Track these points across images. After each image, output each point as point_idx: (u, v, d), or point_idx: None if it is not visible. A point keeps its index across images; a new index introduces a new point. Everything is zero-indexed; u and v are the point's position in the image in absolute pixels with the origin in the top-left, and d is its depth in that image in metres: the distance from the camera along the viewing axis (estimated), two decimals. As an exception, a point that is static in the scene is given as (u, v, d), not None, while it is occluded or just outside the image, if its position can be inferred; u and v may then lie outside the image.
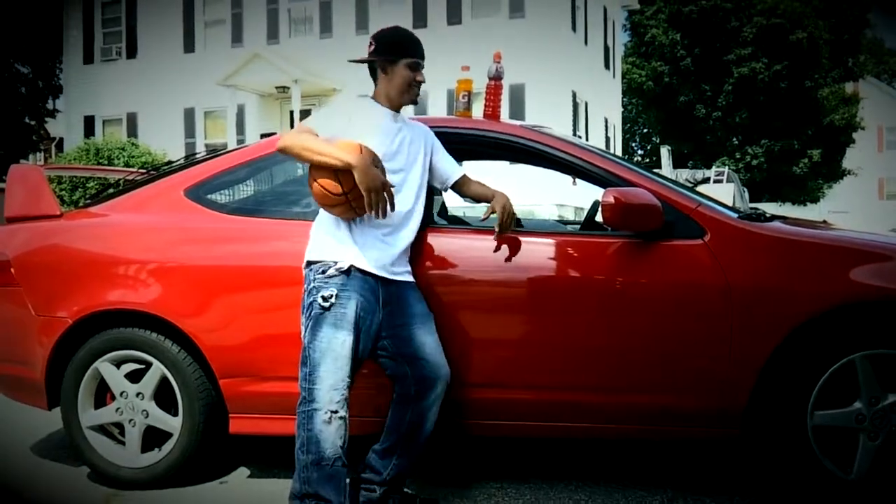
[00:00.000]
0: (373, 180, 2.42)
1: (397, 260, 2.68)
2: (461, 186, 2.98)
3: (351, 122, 2.63)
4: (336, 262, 2.55)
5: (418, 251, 2.86)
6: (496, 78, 3.18)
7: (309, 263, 2.62)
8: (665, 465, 3.36)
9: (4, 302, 3.24)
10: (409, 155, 2.75)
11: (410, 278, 2.74)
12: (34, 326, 3.12)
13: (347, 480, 2.59)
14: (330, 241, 2.60)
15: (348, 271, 2.55)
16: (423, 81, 2.77)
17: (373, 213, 2.46)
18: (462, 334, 2.86)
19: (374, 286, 2.61)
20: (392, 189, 2.50)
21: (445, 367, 2.69)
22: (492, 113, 3.19)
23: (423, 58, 2.76)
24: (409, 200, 2.72)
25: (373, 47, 2.74)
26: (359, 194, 2.44)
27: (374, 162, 2.48)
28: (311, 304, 2.56)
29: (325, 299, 2.52)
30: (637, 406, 2.85)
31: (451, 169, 2.94)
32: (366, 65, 2.78)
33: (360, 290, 2.56)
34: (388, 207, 2.49)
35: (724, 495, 2.97)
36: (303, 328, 2.58)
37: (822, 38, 26.55)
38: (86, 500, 3.00)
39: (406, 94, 2.74)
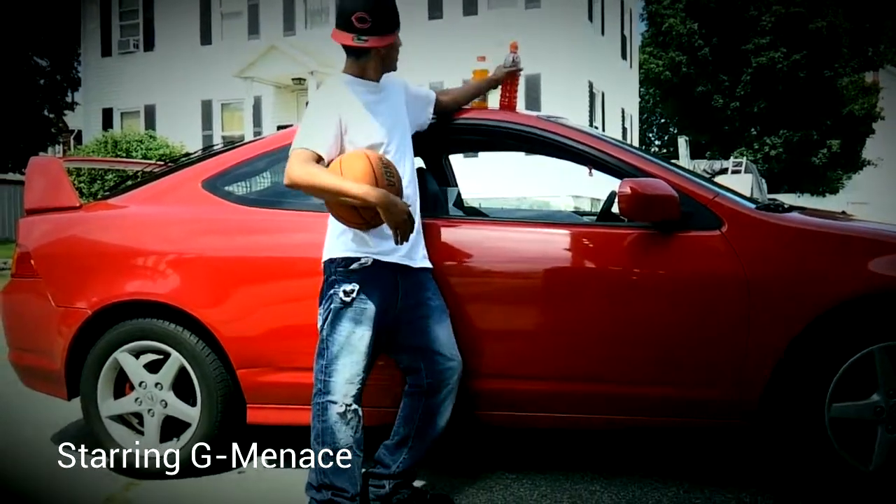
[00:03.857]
0: (397, 215, 2.34)
1: (415, 242, 2.61)
2: (446, 108, 2.97)
3: (340, 120, 2.51)
4: (360, 258, 2.52)
5: (435, 242, 2.86)
6: (515, 67, 3.14)
7: (331, 259, 2.58)
8: (681, 457, 3.36)
9: (24, 293, 3.28)
10: (399, 126, 2.65)
11: (427, 263, 2.71)
12: (54, 317, 3.15)
13: (363, 471, 2.60)
14: (350, 238, 2.54)
15: (371, 266, 2.53)
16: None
17: (399, 241, 2.40)
18: (479, 325, 2.86)
19: (395, 279, 2.59)
20: (409, 206, 2.44)
21: (459, 362, 2.68)
22: (508, 104, 3.17)
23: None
24: (407, 172, 2.63)
25: (367, 24, 2.48)
26: (380, 219, 2.38)
27: (388, 177, 2.39)
28: (331, 296, 2.54)
29: (346, 294, 2.51)
30: (653, 396, 2.84)
31: (424, 103, 2.89)
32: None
33: (380, 285, 2.55)
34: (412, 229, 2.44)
35: (740, 487, 2.96)
36: (321, 320, 2.57)
37: (841, 27, 26.23)
38: (105, 489, 3.03)
39: (394, 62, 2.65)
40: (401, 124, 2.68)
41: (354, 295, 2.51)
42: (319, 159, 2.45)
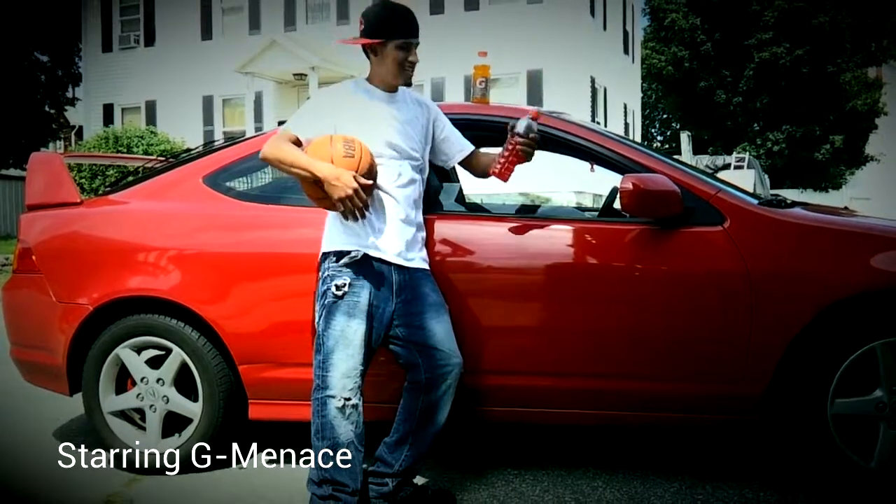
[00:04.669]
0: (339, 190, 2.38)
1: (410, 244, 2.64)
2: (470, 163, 2.91)
3: (336, 117, 2.57)
4: (351, 252, 2.54)
5: (435, 238, 2.86)
6: (525, 135, 2.70)
7: (325, 253, 2.61)
8: (683, 453, 3.35)
9: (26, 289, 3.28)
10: (405, 136, 2.65)
11: (425, 265, 2.71)
12: (55, 313, 3.15)
13: (364, 466, 2.60)
14: (343, 231, 2.57)
15: (362, 260, 2.54)
16: (416, 62, 2.64)
17: (349, 218, 2.44)
18: (480, 321, 2.85)
19: (388, 274, 2.59)
20: (369, 184, 2.44)
21: (458, 358, 2.67)
22: (499, 173, 2.76)
23: (414, 34, 2.60)
24: (409, 183, 2.66)
25: (362, 27, 2.61)
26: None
27: (348, 151, 2.41)
28: (324, 292, 2.55)
29: (338, 288, 2.52)
30: (655, 393, 2.84)
31: (456, 148, 2.87)
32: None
33: (373, 278, 2.56)
34: (366, 207, 2.45)
35: (743, 483, 2.96)
36: (316, 316, 2.58)
37: (844, 23, 26.15)
38: (106, 484, 3.03)
39: (399, 76, 2.63)
40: (405, 135, 2.65)
41: (346, 289, 2.52)
42: (298, 143, 2.55)
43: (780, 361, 2.71)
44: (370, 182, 2.45)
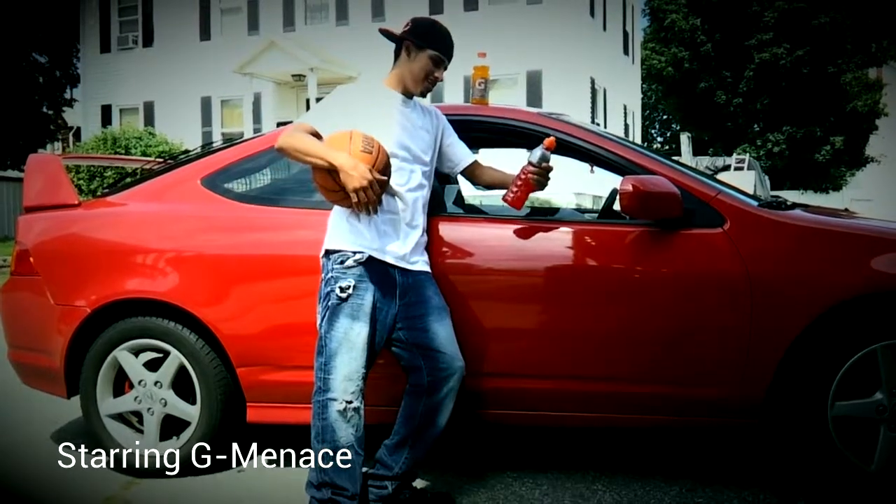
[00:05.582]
0: (355, 180, 2.35)
1: (414, 248, 2.65)
2: (473, 173, 2.96)
3: (353, 113, 2.58)
4: (355, 253, 2.53)
5: (435, 240, 2.85)
6: (538, 165, 2.78)
7: (327, 253, 2.60)
8: (683, 456, 3.35)
9: (24, 291, 3.26)
10: (418, 140, 2.70)
11: (427, 268, 2.72)
12: (53, 315, 3.14)
13: (364, 469, 2.59)
14: (348, 231, 2.57)
15: (367, 262, 2.54)
16: (440, 80, 2.72)
17: (362, 210, 2.43)
18: (479, 323, 2.84)
19: (392, 276, 2.59)
20: (384, 179, 2.43)
21: (460, 361, 2.66)
22: (512, 202, 2.84)
23: (449, 57, 2.72)
24: (418, 187, 2.68)
25: (408, 27, 2.70)
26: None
27: (366, 146, 2.41)
28: (328, 293, 2.54)
29: (342, 290, 2.51)
30: (655, 395, 2.83)
31: (462, 155, 2.93)
32: (385, 51, 2.75)
33: (377, 280, 2.55)
34: (378, 203, 2.45)
35: (743, 486, 2.95)
36: (319, 318, 2.57)
37: (845, 23, 26.13)
38: (104, 488, 3.02)
39: (420, 85, 2.69)
40: (418, 139, 2.70)
41: (351, 291, 2.51)
42: (316, 136, 2.55)
43: (781, 364, 2.70)
44: (385, 178, 2.45)
